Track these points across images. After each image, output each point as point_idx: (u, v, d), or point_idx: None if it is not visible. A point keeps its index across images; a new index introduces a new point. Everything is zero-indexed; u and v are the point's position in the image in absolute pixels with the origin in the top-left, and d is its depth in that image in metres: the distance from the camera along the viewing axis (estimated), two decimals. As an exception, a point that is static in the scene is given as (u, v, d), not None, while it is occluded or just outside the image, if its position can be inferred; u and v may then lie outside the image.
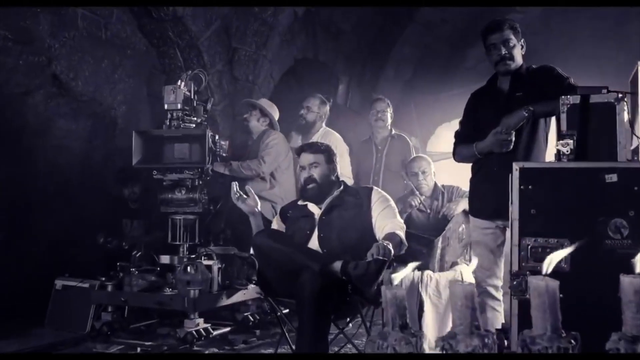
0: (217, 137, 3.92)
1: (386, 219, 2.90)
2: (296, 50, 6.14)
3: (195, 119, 3.92)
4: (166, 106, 3.82)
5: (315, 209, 3.03)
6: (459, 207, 3.83)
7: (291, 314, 3.05)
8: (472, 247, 3.28)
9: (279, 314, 2.94)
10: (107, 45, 4.58)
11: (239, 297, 3.88)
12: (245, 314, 4.13)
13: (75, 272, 4.13)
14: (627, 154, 2.20)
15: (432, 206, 4.03)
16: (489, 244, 2.91)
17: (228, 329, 3.99)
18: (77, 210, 4.41)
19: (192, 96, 3.93)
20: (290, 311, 3.06)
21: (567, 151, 2.17)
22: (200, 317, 3.62)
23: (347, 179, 4.15)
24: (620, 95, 2.19)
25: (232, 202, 3.15)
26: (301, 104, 4.80)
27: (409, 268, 1.29)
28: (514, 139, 2.74)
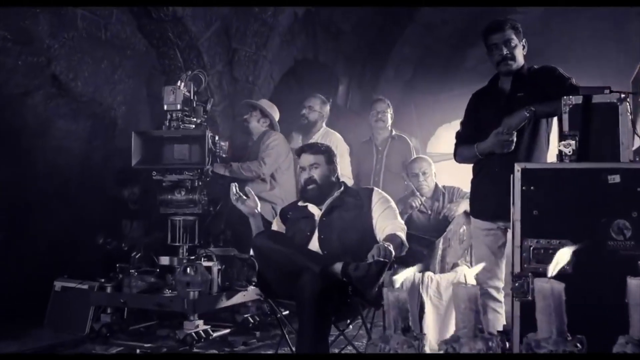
0: (217, 138, 3.92)
1: (387, 220, 2.89)
2: (296, 51, 6.12)
3: (195, 119, 3.91)
4: (166, 107, 3.81)
5: (315, 210, 3.02)
6: (460, 208, 3.82)
7: (291, 315, 3.04)
8: (473, 249, 3.27)
9: (279, 315, 2.93)
10: (106, 46, 4.56)
11: (238, 298, 3.87)
12: (245, 315, 4.11)
13: (75, 273, 4.11)
14: (630, 154, 2.19)
15: (433, 207, 4.02)
16: (490, 245, 2.90)
17: (228, 330, 3.98)
18: (77, 211, 4.39)
19: (191, 97, 3.92)
20: (291, 313, 3.05)
21: (570, 152, 2.16)
22: (199, 318, 3.60)
23: (347, 179, 4.14)
24: (623, 96, 2.17)
25: (232, 203, 3.14)
26: (302, 104, 4.79)
27: (410, 270, 1.27)
28: (515, 139, 2.74)
